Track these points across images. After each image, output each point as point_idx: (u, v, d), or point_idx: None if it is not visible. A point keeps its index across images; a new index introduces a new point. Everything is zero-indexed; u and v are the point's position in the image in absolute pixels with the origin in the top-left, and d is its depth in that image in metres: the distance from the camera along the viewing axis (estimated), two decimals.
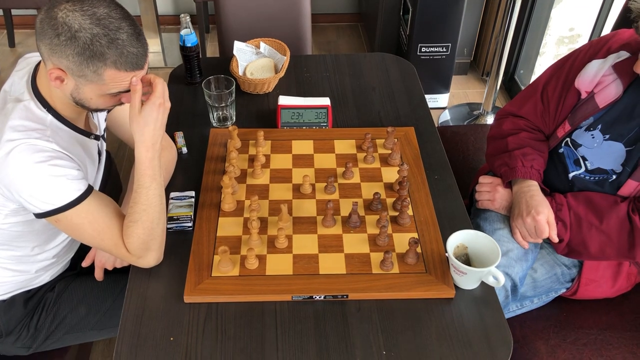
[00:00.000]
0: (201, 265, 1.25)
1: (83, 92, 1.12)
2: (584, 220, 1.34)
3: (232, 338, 1.14)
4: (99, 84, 1.10)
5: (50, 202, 1.12)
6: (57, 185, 1.11)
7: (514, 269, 1.37)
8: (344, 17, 3.87)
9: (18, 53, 3.44)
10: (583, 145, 1.40)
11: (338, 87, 1.82)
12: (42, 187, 1.10)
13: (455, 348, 1.12)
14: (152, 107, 1.15)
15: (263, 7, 2.17)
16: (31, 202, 1.12)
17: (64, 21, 1.03)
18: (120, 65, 1.08)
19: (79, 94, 1.13)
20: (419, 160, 1.52)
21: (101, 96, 1.14)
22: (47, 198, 1.12)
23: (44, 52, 1.08)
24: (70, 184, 1.13)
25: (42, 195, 1.11)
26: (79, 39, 1.03)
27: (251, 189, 1.43)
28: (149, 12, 3.26)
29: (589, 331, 1.43)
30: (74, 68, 1.07)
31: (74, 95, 1.13)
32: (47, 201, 1.12)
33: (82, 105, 1.16)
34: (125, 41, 1.06)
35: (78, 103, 1.16)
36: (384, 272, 1.25)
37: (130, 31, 1.07)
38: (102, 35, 1.04)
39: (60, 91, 1.14)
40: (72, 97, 1.14)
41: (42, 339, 1.39)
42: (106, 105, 1.18)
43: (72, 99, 1.15)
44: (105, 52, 1.05)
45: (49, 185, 1.11)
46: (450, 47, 2.83)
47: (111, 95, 1.14)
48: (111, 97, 1.15)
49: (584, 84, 1.38)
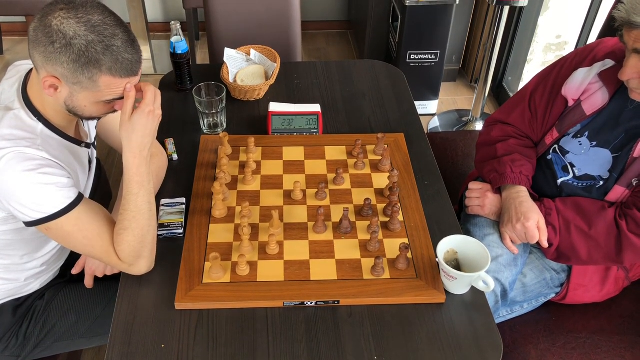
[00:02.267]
0: (192, 271, 1.25)
1: (77, 100, 1.12)
2: (573, 224, 1.36)
3: (223, 345, 1.14)
4: (93, 91, 1.10)
5: (41, 210, 1.11)
6: (47, 193, 1.11)
7: (504, 274, 1.38)
8: (333, 24, 3.89)
9: (6, 60, 3.42)
10: (571, 152, 1.41)
11: (328, 94, 1.83)
12: (31, 195, 1.10)
13: (446, 352, 1.13)
14: (141, 114, 1.15)
15: (253, 14, 2.18)
16: (21, 210, 1.11)
17: (58, 29, 1.03)
18: (115, 71, 1.08)
19: (73, 101, 1.13)
20: (409, 166, 1.53)
21: (95, 103, 1.14)
22: (37, 206, 1.11)
23: (38, 61, 1.08)
24: (60, 192, 1.13)
25: (32, 203, 1.10)
26: (74, 45, 1.03)
27: (242, 196, 1.44)
28: (138, 19, 3.26)
29: (578, 335, 1.45)
30: (68, 75, 1.07)
31: (67, 103, 1.13)
32: (37, 209, 1.11)
33: (74, 113, 1.16)
34: (120, 47, 1.07)
35: (71, 111, 1.16)
36: (375, 277, 1.25)
37: (125, 37, 1.08)
38: (97, 42, 1.04)
39: (54, 99, 1.14)
40: (66, 105, 1.14)
41: (31, 347, 1.38)
42: (99, 113, 1.18)
43: (66, 107, 1.15)
44: (100, 58, 1.05)
45: (38, 193, 1.10)
46: (439, 54, 2.86)
47: (105, 102, 1.14)
48: (105, 104, 1.15)
49: (570, 92, 1.40)
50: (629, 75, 1.22)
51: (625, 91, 1.30)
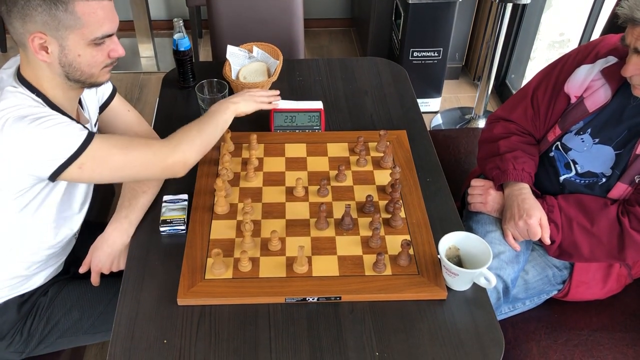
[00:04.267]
0: (194, 268, 1.25)
1: (69, 50, 1.14)
2: (575, 222, 1.36)
3: (225, 340, 1.14)
4: (78, 28, 1.12)
5: (66, 148, 1.12)
6: (63, 131, 1.12)
7: (506, 271, 1.38)
8: (336, 22, 3.89)
9: (10, 58, 3.43)
10: (573, 149, 1.41)
11: (331, 91, 1.84)
12: (50, 139, 1.11)
13: (447, 349, 1.13)
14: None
15: (256, 11, 2.18)
16: (45, 160, 1.12)
17: None
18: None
19: (66, 55, 1.14)
20: (411, 163, 1.53)
21: (87, 47, 1.15)
22: (61, 147, 1.12)
23: (18, 27, 1.11)
24: (75, 127, 1.15)
25: (54, 146, 1.11)
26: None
27: (244, 192, 1.44)
28: (141, 17, 3.26)
29: (580, 332, 1.45)
30: (47, 20, 1.09)
31: (62, 61, 1.15)
32: (61, 151, 1.12)
33: (74, 75, 1.18)
34: None
35: (70, 73, 1.17)
36: (377, 273, 1.25)
37: None
38: None
39: (49, 67, 1.16)
40: (62, 67, 1.16)
41: (35, 343, 1.39)
42: (96, 61, 1.19)
43: (63, 70, 1.16)
44: None
45: (56, 135, 1.12)
46: (442, 52, 2.86)
47: (97, 44, 1.16)
48: (98, 48, 1.17)
49: (573, 89, 1.40)
50: (631, 71, 1.22)
51: (628, 88, 1.30)
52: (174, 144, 1.26)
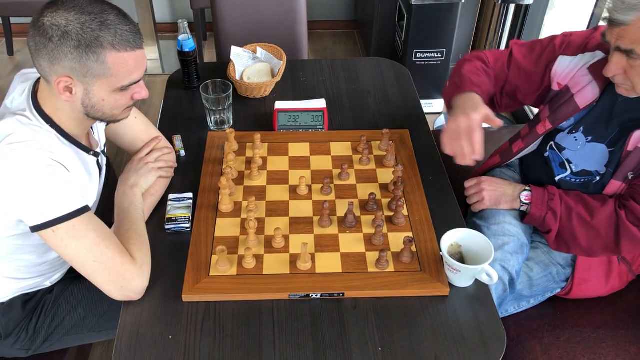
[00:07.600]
0: (199, 265, 1.27)
1: (94, 95, 1.13)
2: (575, 212, 1.36)
3: (230, 336, 1.15)
4: (106, 77, 1.11)
5: (54, 207, 1.10)
6: (58, 191, 1.11)
7: (510, 262, 1.39)
8: (339, 24, 3.90)
9: (17, 61, 3.47)
10: (567, 148, 1.42)
11: (334, 91, 1.85)
12: (43, 192, 1.09)
13: (449, 344, 1.14)
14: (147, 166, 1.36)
15: (260, 13, 2.19)
16: (30, 209, 1.10)
17: (51, 24, 1.06)
18: (118, 45, 1.09)
19: (90, 99, 1.14)
20: (414, 161, 1.54)
21: (112, 93, 1.15)
22: (49, 204, 1.10)
23: (45, 66, 1.09)
24: (71, 193, 1.13)
25: (44, 200, 1.09)
26: (70, 32, 1.05)
27: (248, 191, 1.45)
28: (146, 20, 3.29)
29: (583, 330, 1.45)
30: (77, 67, 1.08)
31: (85, 103, 1.14)
32: (47, 208, 1.09)
33: (94, 115, 1.17)
34: (114, 21, 1.09)
35: (90, 113, 1.17)
36: (380, 270, 1.26)
37: (116, 12, 1.10)
38: (90, 21, 1.06)
39: (70, 105, 1.15)
40: (84, 108, 1.15)
41: (41, 340, 1.40)
42: (118, 104, 1.18)
43: (84, 110, 1.16)
44: (99, 35, 1.07)
45: (50, 191, 1.10)
46: (445, 53, 2.86)
47: (122, 90, 1.15)
48: (122, 93, 1.16)
49: (557, 75, 1.40)
50: (613, 71, 1.22)
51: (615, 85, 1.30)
52: (141, 262, 1.20)
